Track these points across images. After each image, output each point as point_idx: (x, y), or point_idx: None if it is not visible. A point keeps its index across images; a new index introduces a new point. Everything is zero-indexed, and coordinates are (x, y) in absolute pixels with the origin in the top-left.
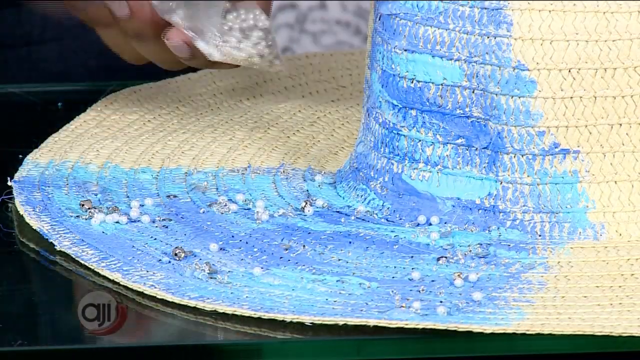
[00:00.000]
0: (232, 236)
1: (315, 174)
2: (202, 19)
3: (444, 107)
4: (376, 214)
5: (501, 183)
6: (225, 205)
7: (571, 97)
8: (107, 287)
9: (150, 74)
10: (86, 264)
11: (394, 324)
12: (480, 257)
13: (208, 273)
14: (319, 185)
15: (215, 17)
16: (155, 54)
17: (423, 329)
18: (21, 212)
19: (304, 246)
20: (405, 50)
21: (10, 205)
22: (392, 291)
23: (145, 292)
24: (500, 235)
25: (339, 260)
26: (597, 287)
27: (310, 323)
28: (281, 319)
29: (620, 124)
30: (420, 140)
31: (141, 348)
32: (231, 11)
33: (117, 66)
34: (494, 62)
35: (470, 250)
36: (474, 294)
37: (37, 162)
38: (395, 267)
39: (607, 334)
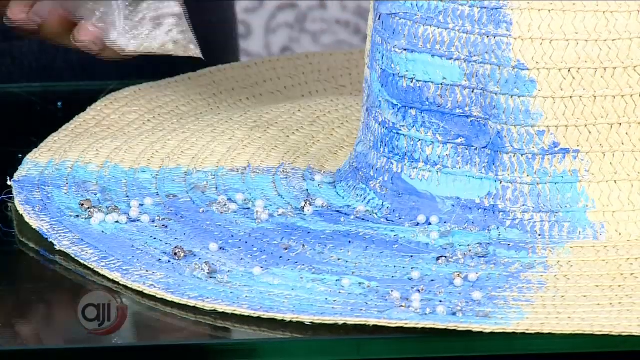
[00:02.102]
0: (232, 236)
1: (314, 174)
2: (112, 13)
3: (444, 106)
4: (376, 213)
5: (501, 182)
6: (225, 204)
7: (571, 97)
8: (107, 287)
9: (150, 74)
10: (86, 263)
11: (394, 323)
12: (480, 257)
13: (208, 273)
14: (319, 185)
15: (125, 10)
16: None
17: (423, 328)
18: (21, 212)
19: (303, 246)
20: (405, 49)
21: (9, 204)
22: (392, 291)
23: (145, 291)
24: (499, 235)
25: (339, 259)
26: (597, 286)
27: (310, 322)
28: (281, 318)
29: (620, 124)
30: (419, 140)
31: (141, 348)
32: (141, 1)
33: (99, 61)
34: (493, 62)
35: (470, 250)
36: (473, 294)
37: (37, 161)
38: (394, 266)
39: (606, 333)
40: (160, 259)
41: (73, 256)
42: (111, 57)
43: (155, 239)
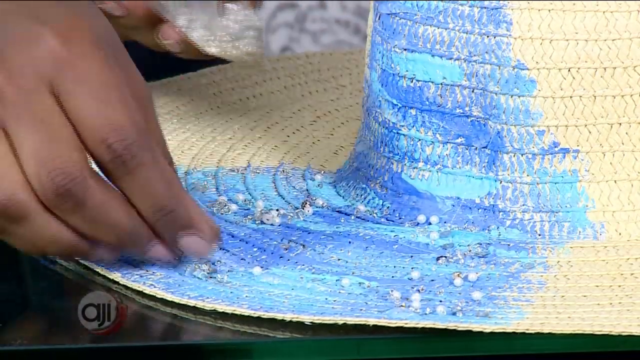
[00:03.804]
0: (232, 236)
1: (315, 174)
2: (199, 15)
3: (444, 106)
4: (376, 213)
5: (501, 182)
6: (225, 205)
7: (571, 97)
8: (107, 287)
9: (150, 73)
10: (86, 263)
11: (394, 323)
12: (480, 257)
13: (207, 272)
14: (319, 185)
15: (212, 15)
16: (148, 42)
17: (422, 328)
18: None
19: (303, 246)
20: (405, 49)
21: None
22: (392, 290)
23: (144, 291)
24: (499, 235)
25: (339, 259)
26: (597, 286)
27: (310, 322)
28: (281, 318)
29: (620, 124)
30: (419, 140)
31: (141, 348)
32: (229, 8)
33: None
34: (493, 62)
35: (470, 250)
36: (473, 294)
37: None
38: (394, 266)
39: (606, 333)
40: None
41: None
42: (192, 57)
43: None
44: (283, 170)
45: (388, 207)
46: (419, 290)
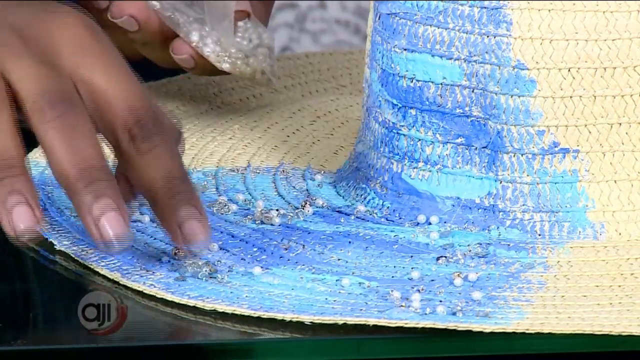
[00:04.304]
0: (232, 236)
1: (315, 174)
2: (211, 32)
3: (444, 106)
4: (376, 213)
5: (501, 182)
6: (225, 205)
7: (571, 97)
8: (107, 287)
9: (150, 74)
10: (86, 263)
11: (394, 323)
12: (480, 257)
13: (207, 272)
14: (319, 185)
15: (225, 31)
16: (160, 59)
17: (422, 328)
18: None
19: (303, 246)
20: (405, 49)
21: None
22: (392, 290)
23: (144, 291)
24: (499, 235)
25: (339, 259)
26: (597, 286)
27: (310, 322)
28: (281, 318)
29: (620, 124)
30: (419, 140)
31: (141, 348)
32: (241, 26)
33: None
34: (493, 62)
35: (470, 250)
36: (473, 294)
37: (37, 161)
38: (394, 266)
39: (606, 333)
40: (160, 259)
41: (73, 256)
42: (204, 74)
43: (155, 239)
44: (283, 170)
45: (388, 207)
46: (419, 290)
